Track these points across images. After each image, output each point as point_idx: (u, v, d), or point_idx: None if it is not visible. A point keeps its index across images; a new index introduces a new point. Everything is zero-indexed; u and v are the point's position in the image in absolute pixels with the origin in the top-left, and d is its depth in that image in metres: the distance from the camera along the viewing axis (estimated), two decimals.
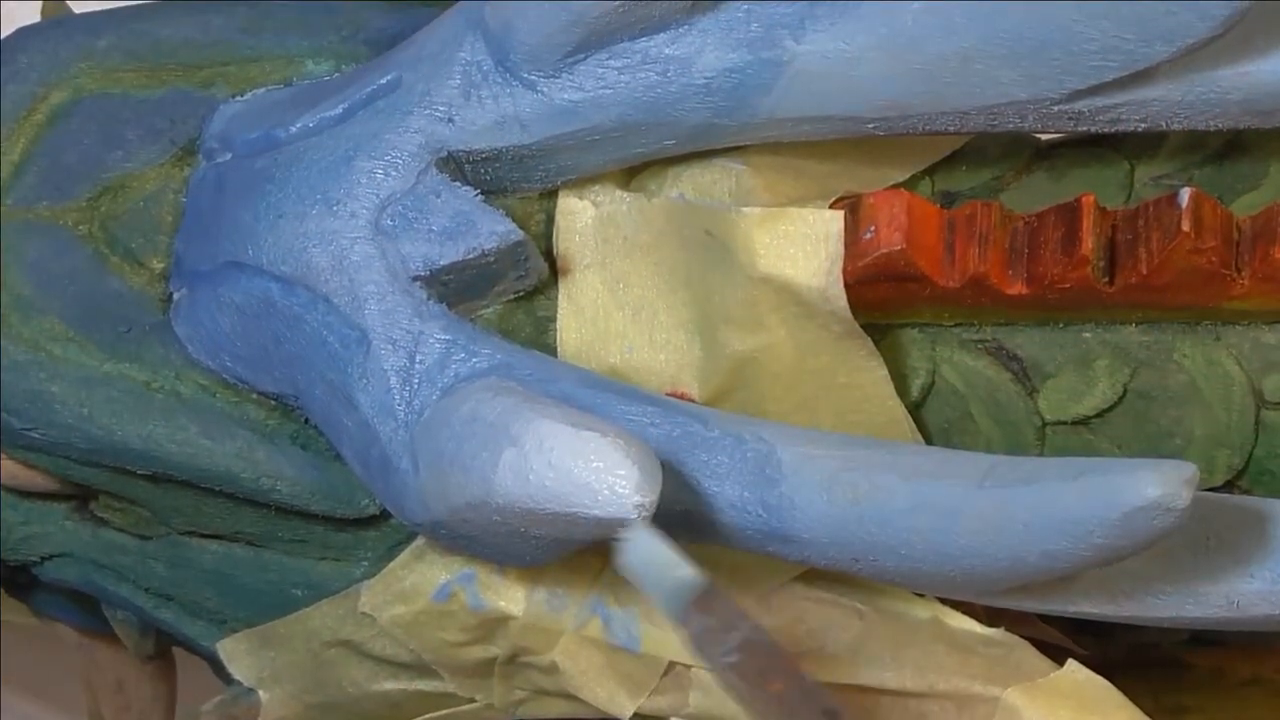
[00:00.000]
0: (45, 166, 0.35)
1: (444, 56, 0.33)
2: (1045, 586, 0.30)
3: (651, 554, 0.27)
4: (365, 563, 0.36)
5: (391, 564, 0.35)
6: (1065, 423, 0.33)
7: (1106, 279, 0.31)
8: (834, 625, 0.34)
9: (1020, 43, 0.30)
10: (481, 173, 0.33)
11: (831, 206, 0.32)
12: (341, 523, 0.35)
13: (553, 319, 0.34)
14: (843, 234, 0.31)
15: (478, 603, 0.35)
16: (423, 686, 0.37)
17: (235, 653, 0.37)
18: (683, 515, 0.31)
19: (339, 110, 0.34)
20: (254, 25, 0.36)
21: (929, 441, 0.34)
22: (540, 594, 0.35)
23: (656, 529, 0.27)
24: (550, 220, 0.34)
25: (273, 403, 0.34)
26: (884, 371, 0.32)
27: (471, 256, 0.32)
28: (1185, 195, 0.31)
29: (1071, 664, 0.33)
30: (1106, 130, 0.31)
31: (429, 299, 0.32)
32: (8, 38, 0.37)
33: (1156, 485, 0.27)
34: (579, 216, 0.34)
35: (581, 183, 0.34)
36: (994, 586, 0.30)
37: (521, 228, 0.33)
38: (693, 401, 0.33)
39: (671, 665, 0.35)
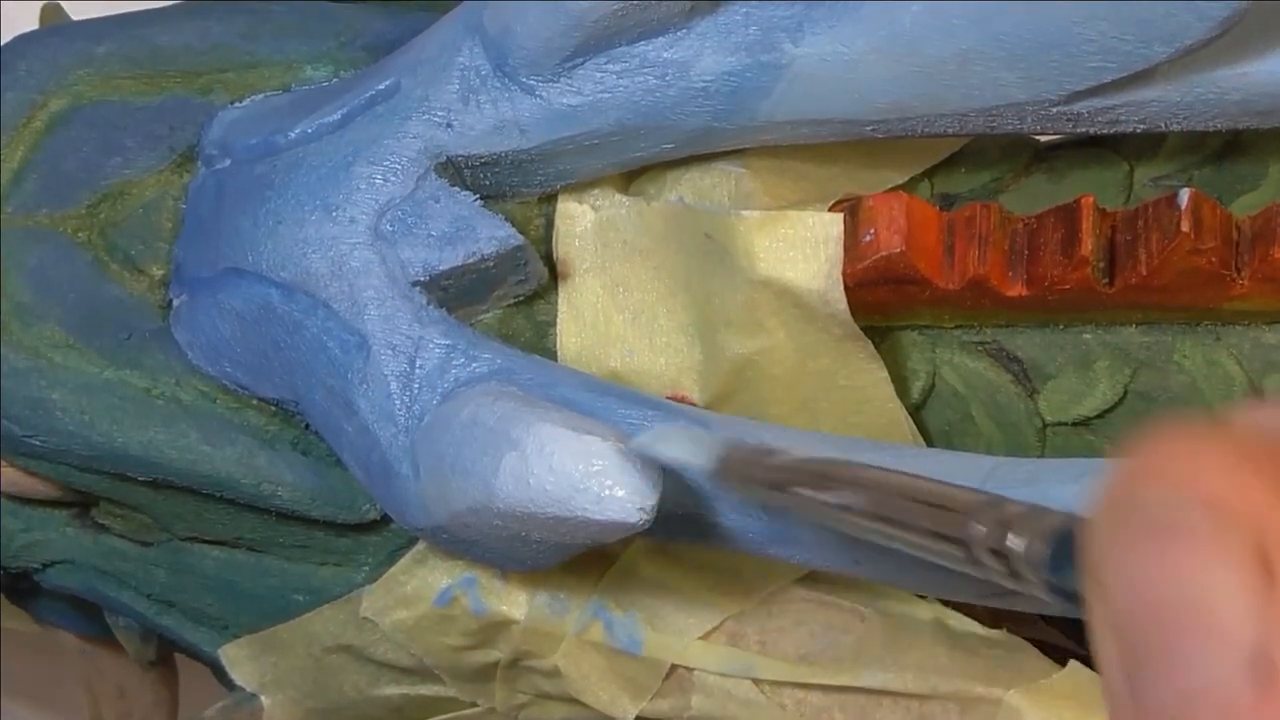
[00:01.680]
0: (45, 174, 0.35)
1: (442, 61, 0.33)
2: None
3: (671, 440, 0.27)
4: (366, 568, 0.36)
5: (393, 569, 0.35)
6: (1066, 424, 0.33)
7: (1106, 280, 0.31)
8: (836, 627, 0.34)
9: (1019, 44, 0.30)
10: (480, 177, 0.33)
11: (831, 209, 0.32)
12: (342, 528, 0.35)
13: (553, 323, 0.34)
14: (842, 237, 0.31)
15: (479, 607, 0.35)
16: (425, 691, 0.37)
17: (237, 658, 0.37)
18: (684, 518, 0.31)
19: (338, 116, 0.33)
20: (252, 31, 0.36)
21: (930, 443, 0.34)
22: (542, 598, 0.35)
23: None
24: (550, 225, 0.34)
25: (273, 408, 0.34)
26: (884, 373, 0.32)
27: (471, 261, 0.32)
28: (1184, 196, 0.31)
29: (1074, 665, 0.33)
30: (1105, 131, 0.31)
31: (429, 304, 0.32)
32: (7, 45, 0.37)
33: None
34: (578, 221, 0.34)
35: (581, 187, 0.34)
36: (996, 587, 0.30)
37: (521, 232, 0.33)
38: (693, 405, 0.33)
39: (673, 668, 0.35)
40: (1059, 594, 0.20)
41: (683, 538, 0.32)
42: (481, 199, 0.33)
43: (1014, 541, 0.20)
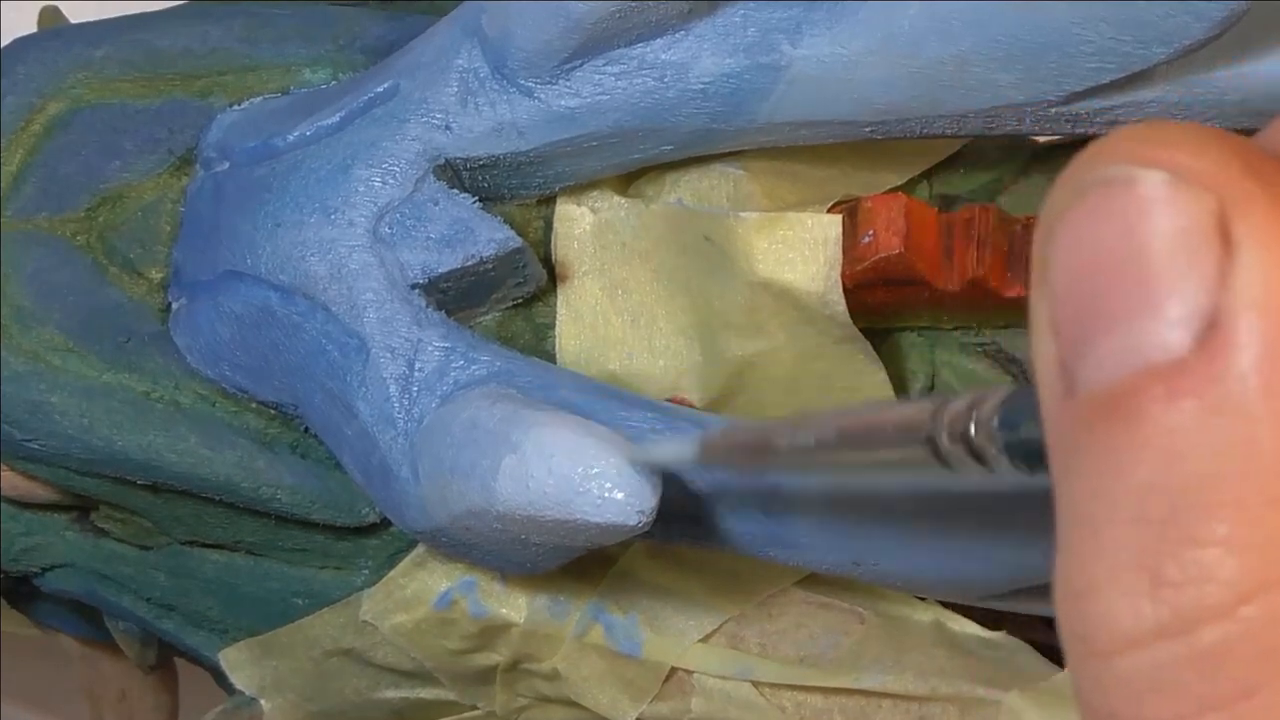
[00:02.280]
0: (43, 177, 0.35)
1: (441, 64, 0.33)
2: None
3: (666, 456, 0.28)
4: (366, 571, 0.36)
5: (392, 572, 0.35)
6: None
7: None
8: (835, 629, 0.34)
9: (1017, 45, 0.30)
10: (479, 180, 0.33)
11: (829, 211, 0.32)
12: (342, 531, 0.35)
13: (552, 326, 0.34)
14: (841, 238, 0.31)
15: (479, 610, 0.35)
16: (425, 694, 0.37)
17: (237, 662, 0.37)
18: (684, 520, 0.31)
19: (336, 118, 0.33)
20: (251, 34, 0.36)
21: None
22: (542, 601, 0.35)
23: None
24: (549, 227, 0.34)
25: (272, 412, 0.34)
26: (884, 375, 0.32)
27: (470, 264, 0.32)
28: None
29: None
30: (1104, 132, 0.31)
31: (428, 307, 0.32)
32: (5, 48, 0.37)
33: None
34: (577, 223, 0.34)
35: (580, 189, 0.34)
36: (996, 589, 0.30)
37: (520, 235, 0.33)
38: (692, 407, 0.33)
39: (673, 671, 0.35)
40: (1020, 456, 0.19)
41: (683, 540, 0.32)
42: (480, 201, 0.33)
43: (972, 420, 0.19)
